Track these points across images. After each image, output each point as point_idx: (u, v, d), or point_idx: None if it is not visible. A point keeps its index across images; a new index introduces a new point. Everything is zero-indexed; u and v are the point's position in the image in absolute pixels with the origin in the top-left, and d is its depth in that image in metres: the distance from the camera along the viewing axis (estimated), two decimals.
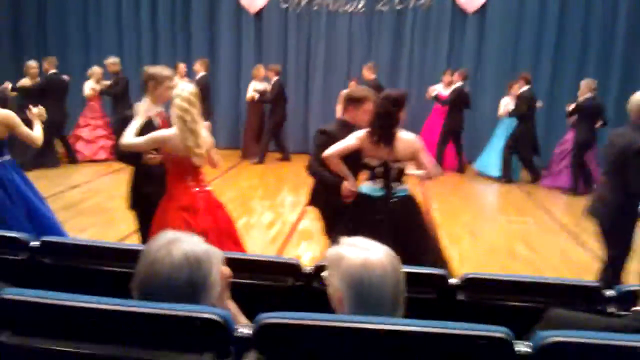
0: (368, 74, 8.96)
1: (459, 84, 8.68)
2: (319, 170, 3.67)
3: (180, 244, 1.33)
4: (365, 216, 3.44)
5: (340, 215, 3.61)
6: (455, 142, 8.83)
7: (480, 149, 9.04)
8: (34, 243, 2.36)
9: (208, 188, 3.47)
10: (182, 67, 9.13)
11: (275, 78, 9.07)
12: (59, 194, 6.67)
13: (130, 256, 2.32)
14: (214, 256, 1.37)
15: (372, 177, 3.50)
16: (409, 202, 3.57)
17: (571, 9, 9.45)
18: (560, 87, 9.42)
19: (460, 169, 8.94)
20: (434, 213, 6.67)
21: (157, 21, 10.57)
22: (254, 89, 9.16)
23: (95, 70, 8.92)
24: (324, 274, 1.53)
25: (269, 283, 2.25)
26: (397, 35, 10.01)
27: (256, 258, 2.66)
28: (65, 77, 8.53)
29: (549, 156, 8.56)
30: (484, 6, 9.69)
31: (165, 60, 10.52)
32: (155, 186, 3.40)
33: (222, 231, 3.39)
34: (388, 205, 3.45)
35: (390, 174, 3.46)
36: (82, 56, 10.38)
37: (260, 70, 9.26)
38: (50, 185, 6.68)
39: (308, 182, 8.17)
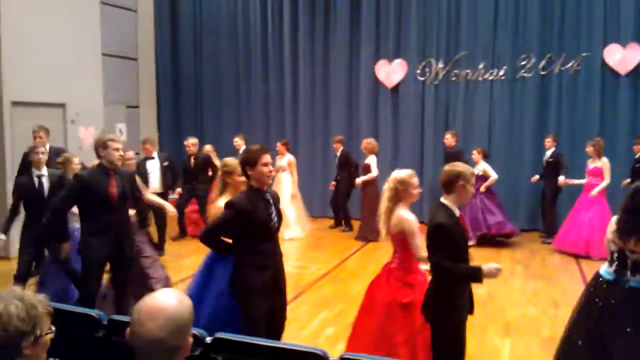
0: (450, 141, 9.00)
1: (553, 149, 8.64)
2: None
3: None
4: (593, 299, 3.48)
5: None
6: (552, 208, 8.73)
7: None
8: (208, 339, 2.48)
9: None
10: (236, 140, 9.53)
11: (341, 149, 9.46)
12: None
13: (301, 357, 2.34)
14: None
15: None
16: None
17: None
18: None
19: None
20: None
21: (297, 97, 11.18)
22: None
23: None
24: None
25: None
26: (542, 102, 9.61)
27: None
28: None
29: None
30: (638, 67, 9.01)
31: (305, 133, 11.09)
32: None
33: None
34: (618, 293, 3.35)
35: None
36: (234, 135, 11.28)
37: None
38: None
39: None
